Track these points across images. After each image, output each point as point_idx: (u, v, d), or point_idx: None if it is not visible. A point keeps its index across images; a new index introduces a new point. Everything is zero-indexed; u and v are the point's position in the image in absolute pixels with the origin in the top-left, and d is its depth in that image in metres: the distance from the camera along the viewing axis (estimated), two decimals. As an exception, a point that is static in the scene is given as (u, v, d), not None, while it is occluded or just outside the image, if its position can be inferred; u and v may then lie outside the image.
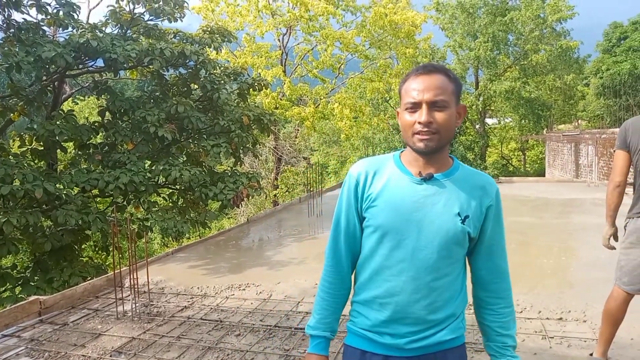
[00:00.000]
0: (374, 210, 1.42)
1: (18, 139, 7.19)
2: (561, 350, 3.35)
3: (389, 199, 1.41)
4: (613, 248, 2.93)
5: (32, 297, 4.71)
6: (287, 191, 19.20)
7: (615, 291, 2.86)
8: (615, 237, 2.92)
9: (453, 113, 1.39)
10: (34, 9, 6.77)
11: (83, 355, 3.61)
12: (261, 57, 15.76)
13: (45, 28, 7.04)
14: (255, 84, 8.47)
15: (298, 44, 17.44)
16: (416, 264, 1.38)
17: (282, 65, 16.71)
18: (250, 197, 8.06)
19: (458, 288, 1.45)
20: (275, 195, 17.92)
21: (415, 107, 1.36)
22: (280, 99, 15.77)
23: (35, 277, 6.80)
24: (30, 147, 6.99)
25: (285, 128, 22.06)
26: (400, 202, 1.40)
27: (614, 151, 2.87)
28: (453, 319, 1.44)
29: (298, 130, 19.89)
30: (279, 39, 17.24)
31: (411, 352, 1.41)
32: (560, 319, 3.88)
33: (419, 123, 1.35)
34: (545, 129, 23.09)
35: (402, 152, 1.51)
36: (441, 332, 1.42)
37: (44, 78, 7.04)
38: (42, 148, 6.97)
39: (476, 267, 1.51)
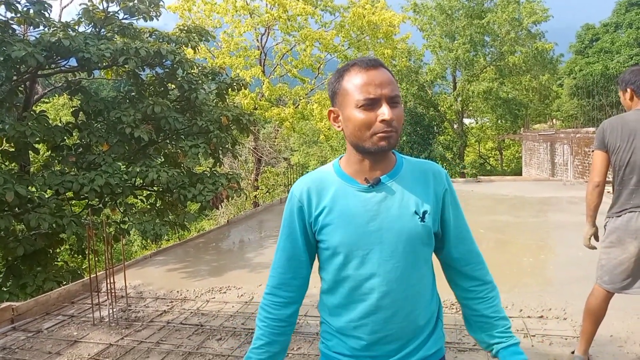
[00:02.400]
0: (327, 231, 1.32)
1: (-13, 140, 6.95)
2: (543, 349, 3.38)
3: (340, 215, 1.30)
4: (594, 248, 2.96)
5: (5, 304, 4.54)
6: (267, 192, 19.08)
7: (596, 290, 2.88)
8: (596, 237, 2.95)
9: (403, 109, 1.31)
10: (3, 6, 6.54)
11: (58, 364, 3.49)
12: (240, 58, 15.64)
13: (15, 27, 6.81)
14: (234, 84, 8.37)
15: (277, 44, 17.37)
16: (386, 277, 1.29)
17: (261, 65, 16.62)
18: (230, 198, 7.96)
19: (430, 289, 1.38)
20: (255, 196, 17.80)
21: (372, 103, 1.24)
22: (260, 100, 15.68)
23: (8, 283, 6.57)
24: (0, 148, 6.77)
25: (265, 128, 21.93)
26: (353, 216, 1.29)
27: (592, 151, 2.89)
28: (432, 326, 1.38)
29: (278, 130, 19.82)
30: (257, 39, 17.14)
31: None
32: (541, 317, 3.91)
33: (383, 121, 1.23)
34: (522, 128, 23.50)
35: (340, 159, 1.39)
36: (425, 347, 1.35)
37: (15, 78, 6.82)
38: (13, 150, 6.76)
39: (452, 258, 1.41)
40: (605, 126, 2.82)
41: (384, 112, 1.24)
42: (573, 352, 3.09)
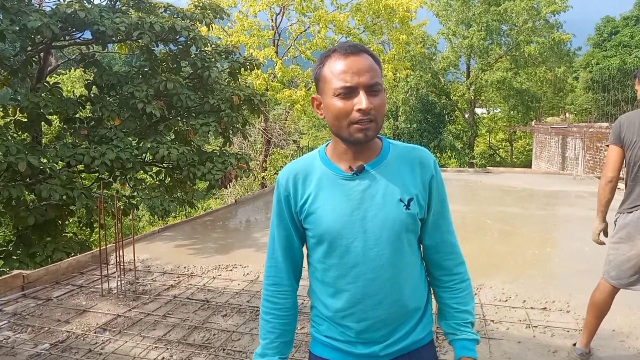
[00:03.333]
0: (312, 219, 1.32)
1: (1, 110, 7.00)
2: (545, 340, 3.40)
3: (324, 203, 1.30)
4: (603, 244, 2.95)
5: (16, 271, 4.64)
6: (275, 173, 19.12)
7: (602, 284, 2.89)
8: (605, 232, 2.94)
9: (385, 97, 1.27)
10: (20, -24, 6.53)
11: (67, 331, 3.57)
12: (253, 37, 15.53)
13: (31, -4, 6.82)
14: (247, 63, 8.34)
15: (291, 25, 17.21)
16: (370, 264, 1.28)
17: (274, 46, 16.50)
18: (239, 178, 7.99)
19: (418, 277, 1.38)
20: (263, 177, 17.85)
21: (349, 92, 1.21)
22: (272, 81, 15.61)
23: (18, 252, 6.69)
24: (13, 118, 6.82)
25: (275, 110, 21.89)
26: (337, 204, 1.29)
27: (607, 146, 2.86)
28: (421, 312, 1.39)
29: (288, 112, 19.75)
30: (272, 19, 16.99)
31: (387, 357, 1.34)
32: (545, 308, 3.93)
33: (360, 110, 1.20)
34: (534, 120, 23.26)
35: (326, 145, 1.38)
36: (414, 332, 1.36)
37: (29, 48, 6.84)
38: (26, 120, 6.81)
39: (424, 245, 1.41)
40: (622, 121, 2.79)
41: (360, 101, 1.21)
42: (575, 344, 3.11)
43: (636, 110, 2.83)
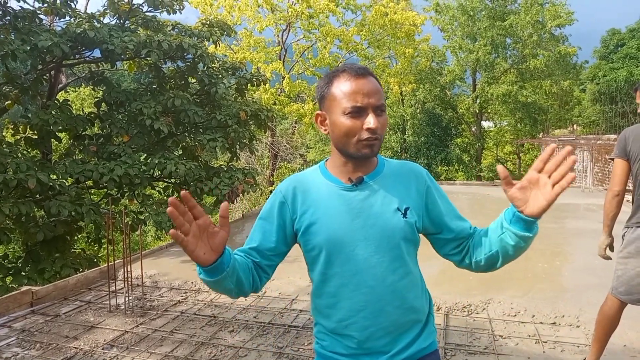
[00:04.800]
0: (313, 230, 1.35)
1: (12, 127, 7.11)
2: (554, 355, 3.36)
3: (325, 213, 1.35)
4: (609, 258, 2.92)
5: (25, 288, 4.67)
6: (282, 188, 19.14)
7: (609, 299, 2.85)
8: (611, 247, 2.91)
9: (387, 117, 1.36)
10: (32, -4, 6.69)
11: (75, 347, 3.57)
12: (260, 52, 15.71)
13: (42, 16, 6.96)
14: (254, 79, 8.42)
15: (297, 41, 17.41)
16: (372, 271, 1.32)
17: (281, 60, 16.67)
18: (246, 193, 8.02)
19: (419, 283, 1.41)
20: (270, 192, 17.88)
21: (359, 111, 1.29)
22: (279, 95, 15.74)
23: (27, 268, 6.73)
24: (24, 135, 6.92)
25: (282, 124, 22.01)
26: (338, 214, 1.34)
27: (613, 160, 2.85)
28: (423, 320, 1.41)
29: (295, 126, 19.86)
30: (278, 35, 17.20)
31: None
32: (554, 323, 3.88)
33: (369, 129, 1.28)
34: (541, 133, 23.18)
35: (326, 161, 1.45)
36: (418, 341, 1.38)
37: (40, 67, 6.97)
38: (36, 137, 6.90)
39: (452, 231, 1.42)
40: (627, 134, 2.78)
41: (370, 121, 1.28)
42: (585, 359, 3.07)
43: (640, 123, 2.82)
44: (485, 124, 27.71)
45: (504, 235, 1.31)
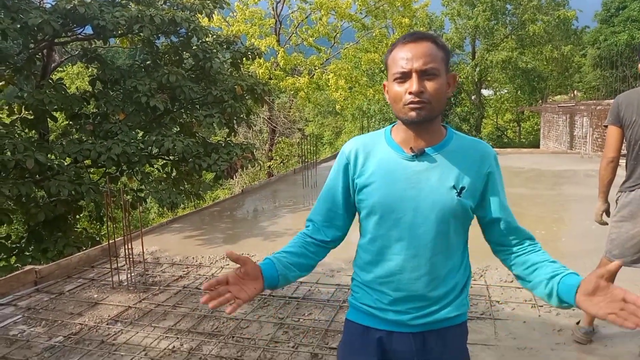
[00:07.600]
0: (367, 190, 1.40)
1: (7, 108, 7.07)
2: (550, 319, 3.43)
3: (381, 178, 1.38)
4: (605, 224, 2.95)
5: (28, 267, 4.73)
6: (281, 162, 19.16)
7: (603, 263, 2.89)
8: (607, 213, 2.93)
9: (444, 82, 1.33)
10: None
11: (80, 324, 3.65)
12: (254, 26, 15.47)
13: (31, -7, 6.83)
14: (249, 52, 8.32)
15: (292, 12, 17.11)
16: (414, 241, 1.36)
17: (276, 34, 16.42)
18: (245, 168, 8.03)
19: (459, 261, 1.43)
20: (269, 167, 17.90)
21: (404, 76, 1.31)
22: (274, 69, 15.57)
23: (30, 248, 6.81)
24: (19, 116, 6.89)
25: (279, 99, 21.84)
26: (393, 181, 1.37)
27: (606, 126, 2.85)
28: (456, 293, 1.43)
29: (292, 101, 19.72)
30: (272, 7, 16.90)
31: (415, 329, 1.40)
32: (550, 288, 3.93)
33: (410, 93, 1.29)
34: (541, 100, 23.01)
35: (393, 126, 1.47)
36: (446, 309, 1.40)
37: (32, 46, 6.88)
38: (32, 117, 6.87)
39: (493, 233, 1.45)
40: (620, 100, 2.77)
41: (411, 84, 1.30)
42: (578, 323, 3.13)
43: (633, 89, 2.81)
44: (485, 92, 27.49)
45: (547, 283, 1.32)
